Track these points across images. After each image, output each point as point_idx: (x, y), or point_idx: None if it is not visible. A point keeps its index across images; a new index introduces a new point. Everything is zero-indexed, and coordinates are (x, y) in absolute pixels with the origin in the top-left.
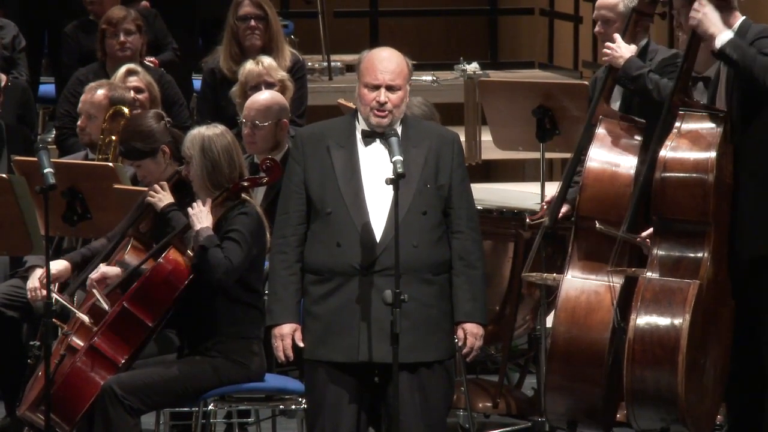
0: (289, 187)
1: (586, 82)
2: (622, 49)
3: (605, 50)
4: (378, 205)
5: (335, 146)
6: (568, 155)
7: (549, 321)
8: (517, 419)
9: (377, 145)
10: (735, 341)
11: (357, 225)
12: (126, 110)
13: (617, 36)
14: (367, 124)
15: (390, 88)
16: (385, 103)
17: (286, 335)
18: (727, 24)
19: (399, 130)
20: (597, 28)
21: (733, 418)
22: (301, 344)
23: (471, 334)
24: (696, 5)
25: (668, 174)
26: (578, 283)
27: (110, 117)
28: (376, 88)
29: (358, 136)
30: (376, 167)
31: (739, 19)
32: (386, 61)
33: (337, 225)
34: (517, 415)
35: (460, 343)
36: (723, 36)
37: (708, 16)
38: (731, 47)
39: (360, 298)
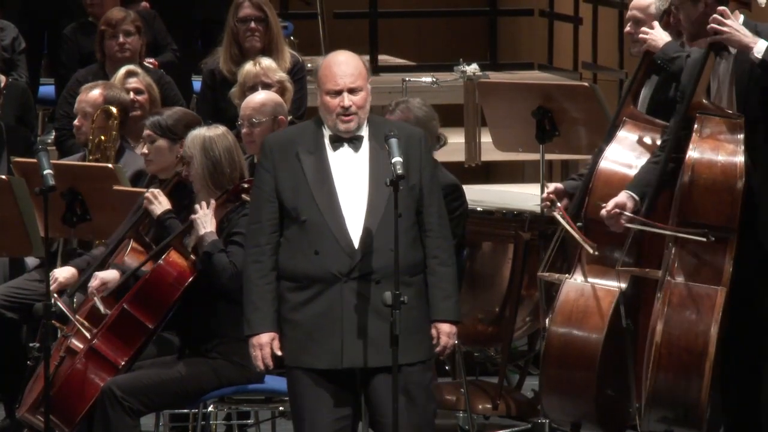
0: (260, 195)
1: (586, 84)
2: (661, 34)
3: (642, 36)
4: (353, 210)
5: (304, 152)
6: (568, 156)
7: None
8: (516, 421)
9: (346, 149)
10: (731, 340)
11: (334, 231)
12: (114, 110)
13: (656, 23)
14: (334, 131)
15: (351, 91)
16: (350, 106)
17: (265, 344)
18: None
19: (367, 130)
20: (627, 28)
21: (730, 418)
22: (279, 353)
23: (444, 333)
24: (716, 22)
25: (696, 178)
26: (579, 286)
27: (99, 117)
28: (338, 93)
29: (326, 141)
30: (347, 172)
31: (739, 18)
32: (344, 65)
33: (313, 232)
34: (516, 416)
35: (434, 342)
36: (760, 45)
37: (735, 27)
38: None
39: (341, 304)
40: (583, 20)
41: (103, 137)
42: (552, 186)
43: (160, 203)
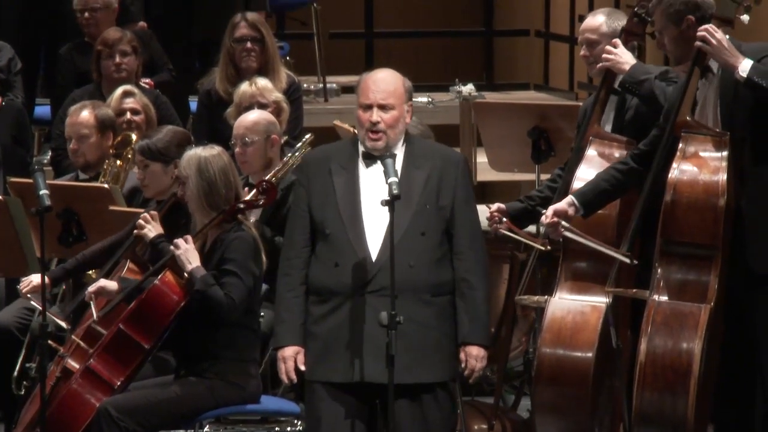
0: (296, 211)
1: (581, 103)
2: (626, 55)
3: (606, 55)
4: (375, 225)
5: (337, 168)
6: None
7: None
8: None
9: (378, 167)
10: (725, 359)
11: (354, 245)
12: (134, 137)
13: (618, 41)
14: (364, 147)
15: (382, 108)
16: (378, 122)
17: (289, 358)
18: None
19: (402, 150)
20: (582, 52)
21: None
22: (303, 367)
23: (471, 356)
24: (707, 33)
25: (678, 197)
26: (565, 304)
27: (119, 143)
28: (369, 108)
29: (360, 157)
30: (375, 188)
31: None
32: (380, 81)
33: (335, 245)
34: None
35: (462, 365)
36: (744, 63)
37: (723, 44)
38: (758, 74)
39: (356, 317)
40: (578, 38)
41: (119, 162)
42: (494, 206)
43: (152, 227)
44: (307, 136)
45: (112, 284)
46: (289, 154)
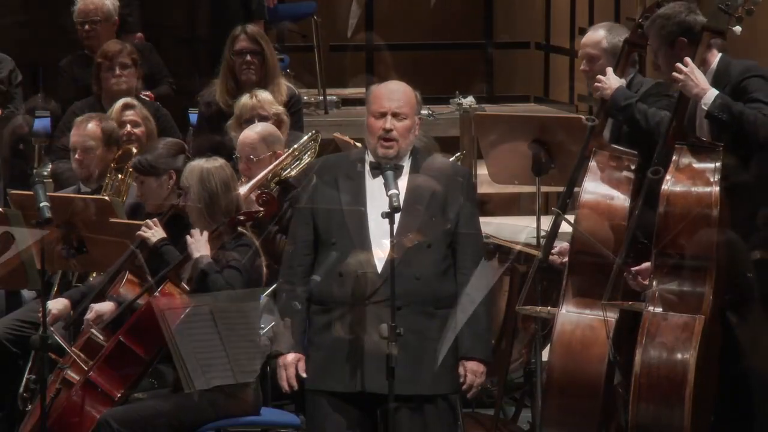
0: (299, 217)
1: (582, 116)
2: (611, 81)
3: (596, 84)
4: (381, 236)
5: (343, 178)
6: (563, 189)
7: (544, 355)
8: None
9: None
10: (722, 374)
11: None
12: (134, 149)
13: (609, 69)
14: (374, 155)
15: (396, 116)
16: (391, 130)
17: (290, 365)
18: (707, 62)
19: (408, 162)
20: (582, 66)
21: None
22: (304, 374)
23: (471, 371)
24: (680, 66)
25: (672, 209)
26: (573, 317)
27: (120, 157)
28: (383, 115)
29: (367, 168)
30: (381, 199)
31: (716, 56)
32: (394, 91)
33: (340, 255)
34: None
35: (461, 380)
36: (708, 96)
37: (692, 76)
38: (719, 109)
39: (359, 328)
40: (579, 53)
41: (120, 176)
42: (557, 248)
43: (155, 231)
44: (313, 131)
45: (108, 307)
46: (294, 146)
